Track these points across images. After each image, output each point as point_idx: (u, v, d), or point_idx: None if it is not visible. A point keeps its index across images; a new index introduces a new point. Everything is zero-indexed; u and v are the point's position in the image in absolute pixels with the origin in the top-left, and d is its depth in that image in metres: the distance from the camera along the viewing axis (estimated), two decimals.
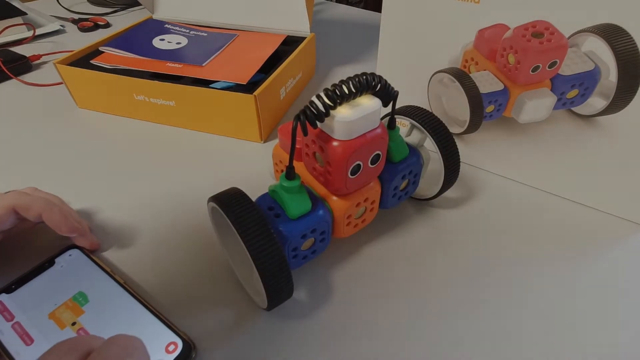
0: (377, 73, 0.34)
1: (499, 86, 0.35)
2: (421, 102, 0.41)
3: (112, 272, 0.30)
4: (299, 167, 0.30)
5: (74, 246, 0.32)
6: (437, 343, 0.27)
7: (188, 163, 0.42)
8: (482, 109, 0.37)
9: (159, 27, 0.57)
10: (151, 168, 0.42)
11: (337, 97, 0.23)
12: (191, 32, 0.56)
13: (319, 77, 0.59)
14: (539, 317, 0.29)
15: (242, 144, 0.45)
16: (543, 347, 0.27)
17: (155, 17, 0.62)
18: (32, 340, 0.25)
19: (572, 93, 0.32)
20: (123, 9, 0.84)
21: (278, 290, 0.25)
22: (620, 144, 0.32)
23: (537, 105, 0.34)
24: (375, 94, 0.25)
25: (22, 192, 0.30)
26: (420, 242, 0.34)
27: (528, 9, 0.30)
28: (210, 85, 0.44)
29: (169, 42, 0.53)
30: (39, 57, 0.62)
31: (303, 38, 0.55)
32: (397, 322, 0.28)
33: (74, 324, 0.26)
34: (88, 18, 0.77)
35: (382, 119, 0.34)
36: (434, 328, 0.28)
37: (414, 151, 0.32)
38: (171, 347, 0.25)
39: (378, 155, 0.27)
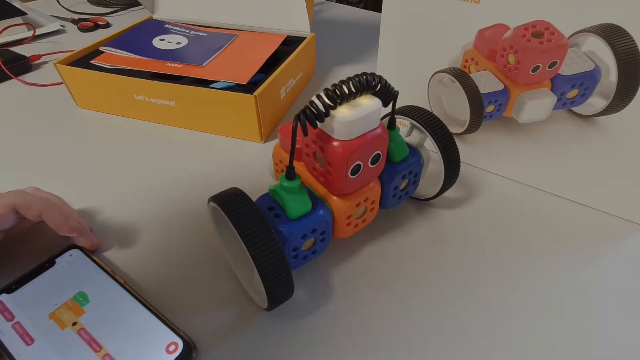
0: (377, 73, 0.34)
1: (499, 86, 0.35)
2: (421, 102, 0.41)
3: (112, 272, 0.30)
4: (299, 167, 0.30)
5: (75, 246, 0.32)
6: (437, 342, 0.27)
7: (188, 163, 0.42)
8: (482, 109, 0.37)
9: (159, 27, 0.57)
10: (151, 168, 0.42)
11: (337, 97, 0.23)
12: (191, 32, 0.56)
13: (319, 77, 0.59)
14: (539, 317, 0.29)
15: (242, 144, 0.45)
16: (543, 347, 0.27)
17: (155, 17, 0.62)
18: (32, 340, 0.25)
19: (572, 93, 0.32)
20: (123, 9, 0.84)
21: (278, 290, 0.25)
22: (620, 144, 0.32)
23: (537, 105, 0.34)
24: (375, 94, 0.25)
25: (23, 191, 0.30)
26: (420, 242, 0.34)
27: (528, 9, 0.30)
28: (210, 85, 0.44)
29: (169, 42, 0.53)
30: (39, 57, 0.62)
31: (303, 38, 0.55)
32: (397, 321, 0.28)
33: (74, 324, 0.26)
34: (88, 18, 0.77)
35: (382, 119, 0.34)
36: (434, 328, 0.28)
37: (414, 151, 0.32)
38: (172, 347, 0.25)
39: (378, 155, 0.27)
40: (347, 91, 0.23)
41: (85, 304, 0.28)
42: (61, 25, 0.75)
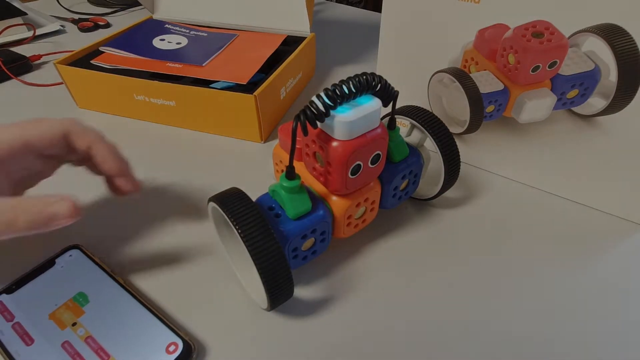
0: (377, 73, 0.34)
1: (499, 86, 0.35)
2: (421, 102, 0.41)
3: (112, 273, 0.30)
4: (299, 167, 0.30)
5: (74, 246, 0.32)
6: (438, 343, 0.27)
7: (188, 163, 0.42)
8: (482, 109, 0.37)
9: (159, 27, 0.57)
10: (151, 168, 0.42)
11: (337, 97, 0.23)
12: (191, 32, 0.56)
13: (319, 77, 0.59)
14: (539, 317, 0.29)
15: (242, 144, 0.45)
16: (543, 347, 0.27)
17: (155, 17, 0.62)
18: (32, 341, 0.25)
19: (572, 93, 0.32)
20: (123, 9, 0.84)
21: (278, 290, 0.25)
22: (620, 144, 0.32)
23: (537, 105, 0.34)
24: (375, 94, 0.25)
25: (75, 120, 0.29)
26: (420, 242, 0.34)
27: (528, 9, 0.30)
28: (210, 85, 0.44)
29: (169, 42, 0.53)
30: (39, 57, 0.62)
31: (303, 38, 0.55)
32: (398, 322, 0.28)
33: (74, 324, 0.26)
34: (88, 18, 0.77)
35: (382, 119, 0.34)
36: (434, 328, 0.28)
37: (414, 151, 0.32)
38: (172, 348, 0.25)
39: (378, 155, 0.27)
40: (347, 91, 0.23)
41: (85, 304, 0.28)
42: (61, 25, 0.75)
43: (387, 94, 0.25)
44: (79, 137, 0.28)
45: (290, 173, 0.26)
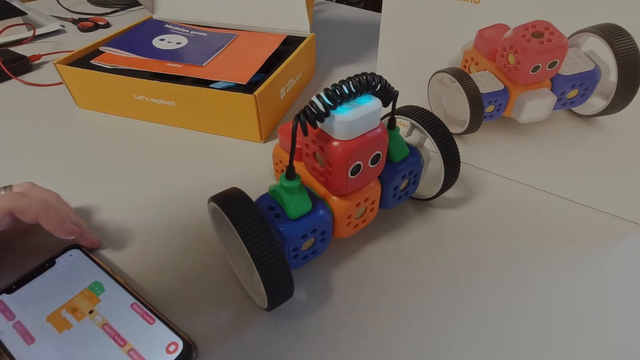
0: (377, 73, 0.34)
1: (499, 86, 0.35)
2: (421, 102, 0.41)
3: (112, 272, 0.30)
4: (299, 167, 0.30)
5: (75, 246, 0.32)
6: (437, 343, 0.27)
7: (188, 163, 0.42)
8: (482, 109, 0.37)
9: (159, 27, 0.57)
10: (151, 168, 0.42)
11: (337, 97, 0.23)
12: (191, 32, 0.56)
13: (319, 77, 0.59)
14: (539, 317, 0.29)
15: (242, 144, 0.45)
16: (542, 347, 0.27)
17: (155, 17, 0.62)
18: (32, 340, 0.26)
19: (572, 93, 0.32)
20: (123, 9, 0.84)
21: (278, 290, 0.25)
22: (620, 144, 0.32)
23: (537, 105, 0.34)
24: (375, 94, 0.25)
25: (19, 193, 0.30)
26: (420, 242, 0.34)
27: (528, 9, 0.30)
28: (210, 85, 0.44)
29: (169, 42, 0.53)
30: (39, 57, 0.62)
31: (303, 38, 0.55)
32: (397, 322, 0.28)
33: (91, 312, 0.27)
34: (88, 18, 0.77)
35: (382, 119, 0.34)
36: (434, 328, 0.28)
37: (414, 151, 0.32)
38: (172, 348, 0.25)
39: (378, 155, 0.27)
40: (347, 91, 0.23)
41: (100, 292, 0.28)
42: (61, 25, 0.75)
43: (387, 94, 0.25)
44: (24, 214, 0.29)
45: (290, 173, 0.26)
